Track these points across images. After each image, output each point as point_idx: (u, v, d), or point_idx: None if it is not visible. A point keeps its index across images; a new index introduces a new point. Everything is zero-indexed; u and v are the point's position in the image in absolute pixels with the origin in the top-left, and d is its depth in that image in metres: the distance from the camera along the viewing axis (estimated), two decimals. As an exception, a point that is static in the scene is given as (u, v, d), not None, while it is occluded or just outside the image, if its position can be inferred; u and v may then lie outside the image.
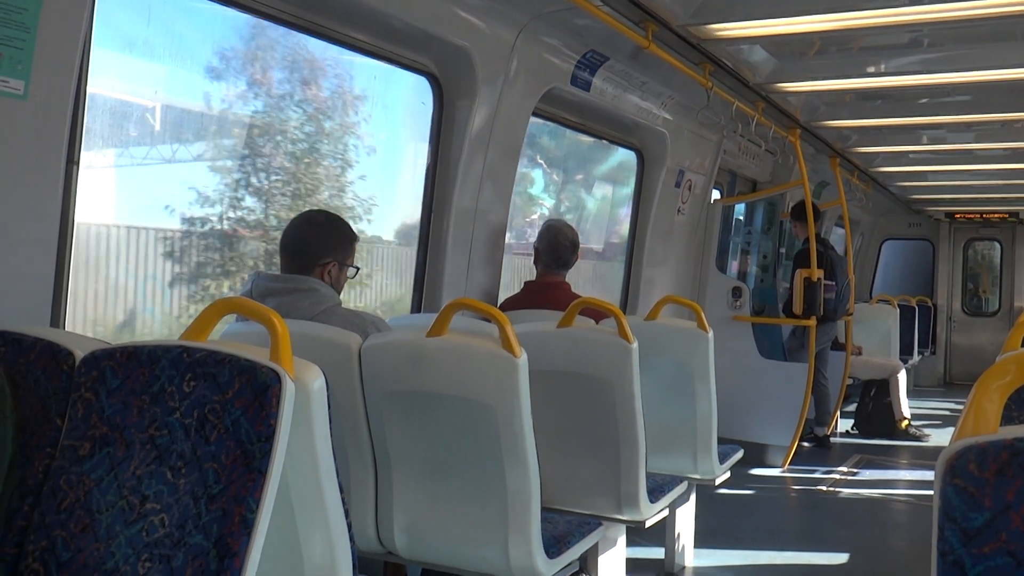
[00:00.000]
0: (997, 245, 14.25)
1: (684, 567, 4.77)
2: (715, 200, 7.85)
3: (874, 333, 10.20)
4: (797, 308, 7.15)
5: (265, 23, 3.85)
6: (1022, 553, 1.26)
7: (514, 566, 2.89)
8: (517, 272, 6.09)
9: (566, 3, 4.23)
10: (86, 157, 2.98)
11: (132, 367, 2.01)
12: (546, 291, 4.71)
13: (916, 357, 11.98)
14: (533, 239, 4.96)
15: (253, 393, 1.85)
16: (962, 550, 1.29)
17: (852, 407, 9.59)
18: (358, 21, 4.04)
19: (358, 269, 3.41)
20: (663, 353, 4.34)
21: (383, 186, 5.02)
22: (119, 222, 3.74)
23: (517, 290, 4.91)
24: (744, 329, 7.43)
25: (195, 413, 1.89)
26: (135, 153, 3.73)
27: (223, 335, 3.16)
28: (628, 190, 6.85)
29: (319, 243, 3.27)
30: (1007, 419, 2.15)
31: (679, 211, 7.08)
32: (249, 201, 4.21)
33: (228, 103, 4.14)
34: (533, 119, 5.04)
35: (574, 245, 4.84)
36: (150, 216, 3.91)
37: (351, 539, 2.11)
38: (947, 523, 1.31)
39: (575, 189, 7.67)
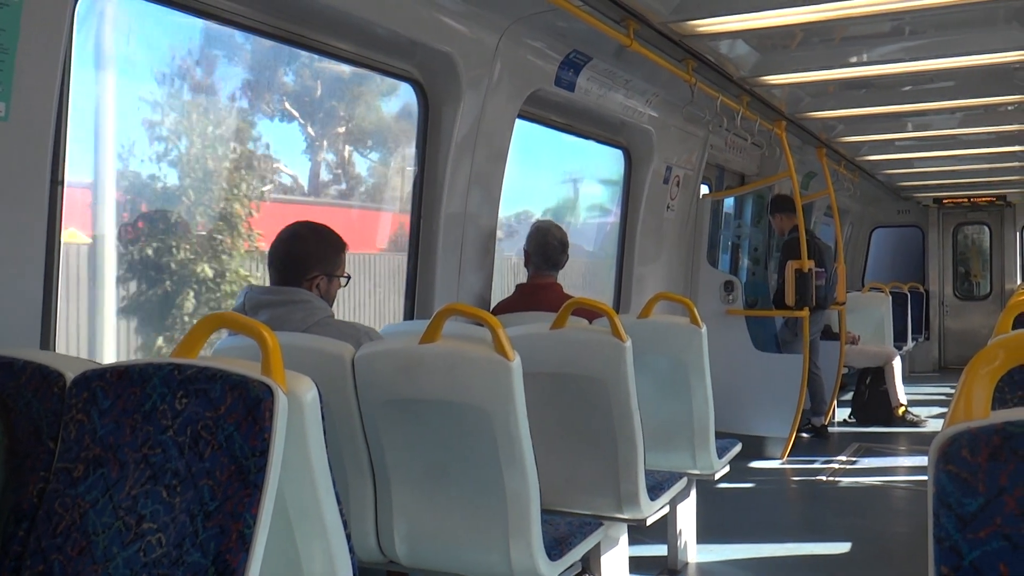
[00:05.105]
0: (986, 229, 14.28)
1: (687, 563, 4.76)
2: (704, 195, 7.86)
3: (867, 321, 10.22)
4: (789, 299, 7.16)
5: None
6: (1017, 536, 1.26)
7: (516, 569, 2.88)
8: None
9: (547, 5, 4.23)
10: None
11: (123, 387, 2.00)
12: (538, 293, 4.72)
13: (910, 343, 12.01)
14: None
15: (245, 408, 1.84)
16: (958, 535, 1.29)
17: (849, 396, 9.60)
18: (341, 31, 4.03)
19: (349, 278, 3.39)
20: (657, 350, 4.34)
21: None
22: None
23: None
24: (738, 322, 7.44)
25: (188, 430, 1.88)
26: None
27: (215, 351, 3.15)
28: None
29: (304, 258, 3.25)
30: (1001, 401, 2.15)
31: (668, 207, 7.09)
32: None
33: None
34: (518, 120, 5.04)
35: (563, 245, 4.85)
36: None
37: (351, 550, 2.10)
38: (942, 509, 1.31)
39: (338, 146, 6.01)
